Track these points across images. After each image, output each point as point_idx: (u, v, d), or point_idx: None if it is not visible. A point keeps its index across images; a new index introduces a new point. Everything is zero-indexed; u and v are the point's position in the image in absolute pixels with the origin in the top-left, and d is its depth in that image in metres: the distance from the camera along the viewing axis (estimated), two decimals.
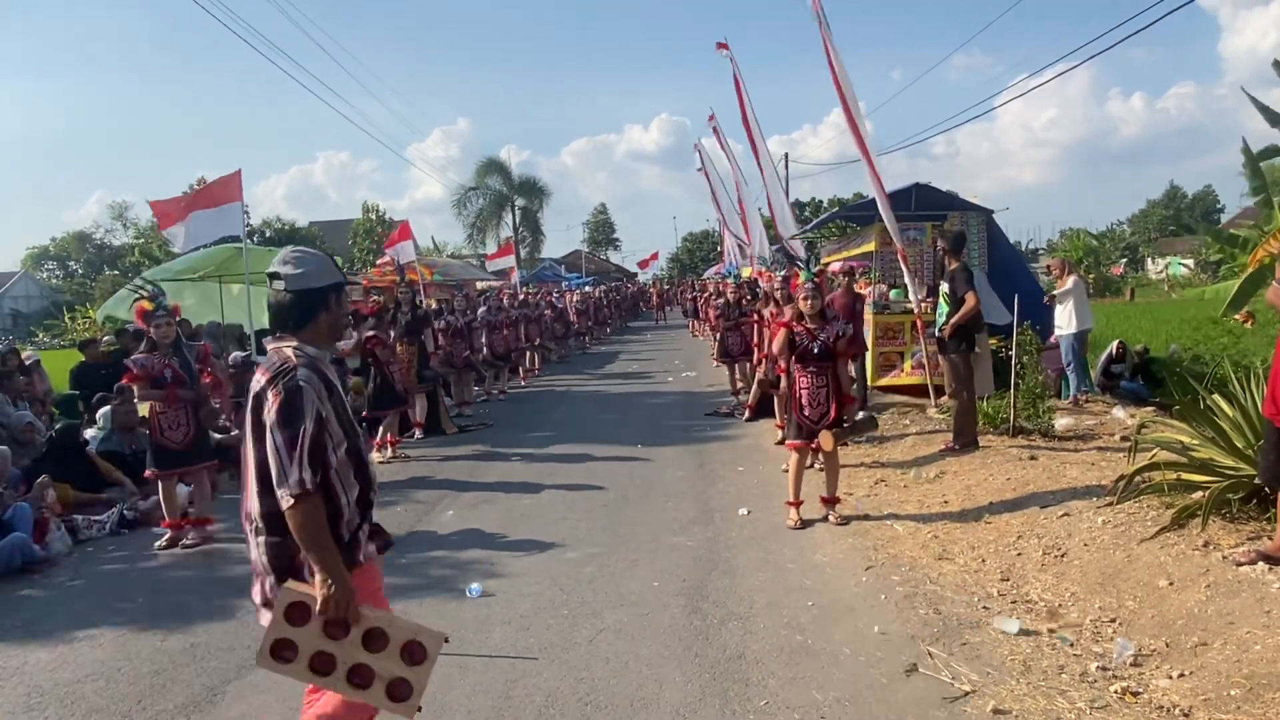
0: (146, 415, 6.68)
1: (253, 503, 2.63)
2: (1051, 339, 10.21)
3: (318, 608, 2.52)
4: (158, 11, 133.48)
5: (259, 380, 2.60)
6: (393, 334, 9.94)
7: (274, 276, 2.71)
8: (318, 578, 2.52)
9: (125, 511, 7.04)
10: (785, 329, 6.31)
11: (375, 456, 9.27)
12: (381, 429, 9.44)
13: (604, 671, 3.97)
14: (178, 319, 6.93)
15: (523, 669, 4.03)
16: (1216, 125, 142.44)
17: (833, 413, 6.10)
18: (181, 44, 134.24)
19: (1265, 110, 9.92)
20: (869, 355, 11.75)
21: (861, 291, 11.09)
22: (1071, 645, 3.97)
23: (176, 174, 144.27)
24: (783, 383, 6.88)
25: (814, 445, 6.16)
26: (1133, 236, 56.45)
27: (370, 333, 9.57)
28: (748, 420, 10.57)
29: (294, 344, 2.66)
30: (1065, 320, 9.81)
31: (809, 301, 6.23)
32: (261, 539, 2.63)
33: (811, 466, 6.95)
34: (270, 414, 2.51)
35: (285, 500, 2.48)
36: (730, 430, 10.25)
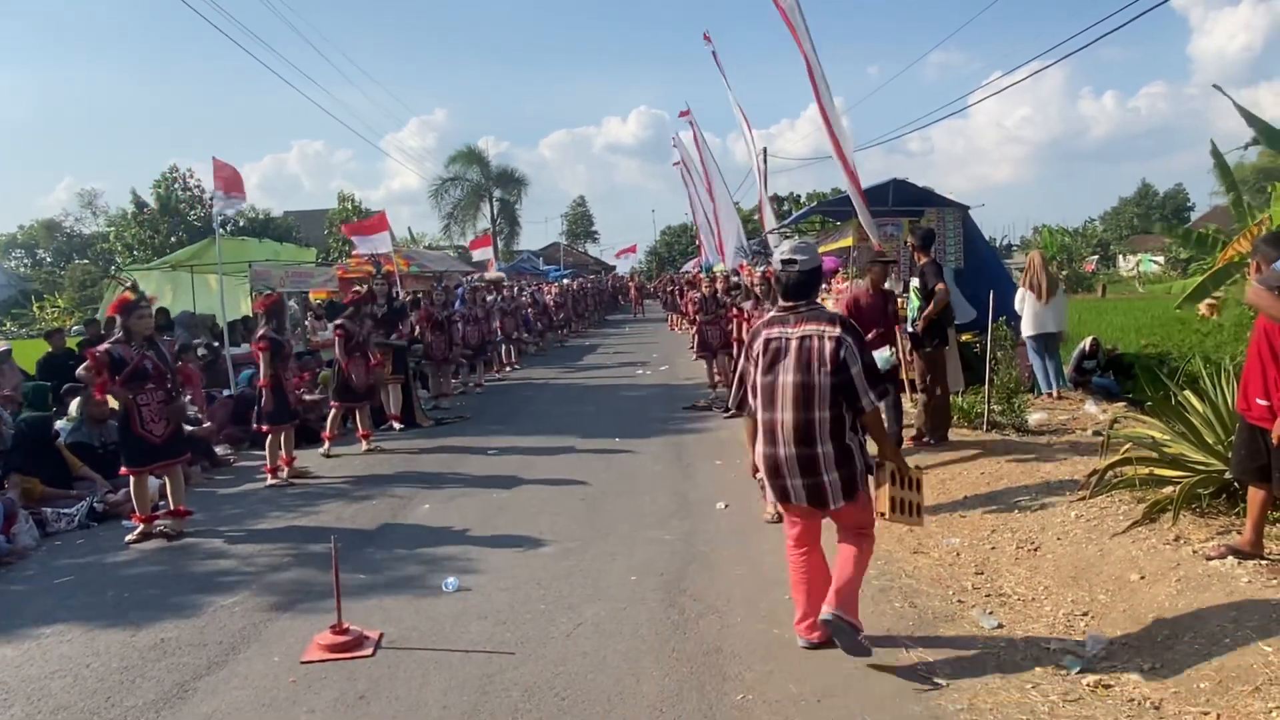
0: (118, 407, 6.58)
1: (819, 415, 3.73)
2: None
3: (903, 472, 3.98)
4: None
5: (826, 330, 3.76)
6: (365, 326, 9.60)
7: (788, 262, 3.87)
8: (890, 453, 3.97)
9: (95, 504, 6.93)
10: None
11: (347, 448, 9.19)
12: (358, 420, 9.36)
13: (581, 666, 3.96)
14: (154, 309, 6.82)
15: (499, 663, 4.01)
16: (1186, 125, 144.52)
17: None
18: (152, 28, 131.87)
19: (1241, 109, 10.07)
20: None
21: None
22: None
23: (148, 161, 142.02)
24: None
25: None
26: (1105, 233, 57.12)
27: (339, 321, 9.36)
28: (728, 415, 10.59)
29: (821, 306, 3.92)
30: (1025, 323, 9.81)
31: None
32: (828, 445, 3.73)
33: None
34: (853, 352, 3.72)
35: (869, 407, 3.76)
36: (708, 424, 10.27)
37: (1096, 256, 50.87)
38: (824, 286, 14.62)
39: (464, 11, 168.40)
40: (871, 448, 3.98)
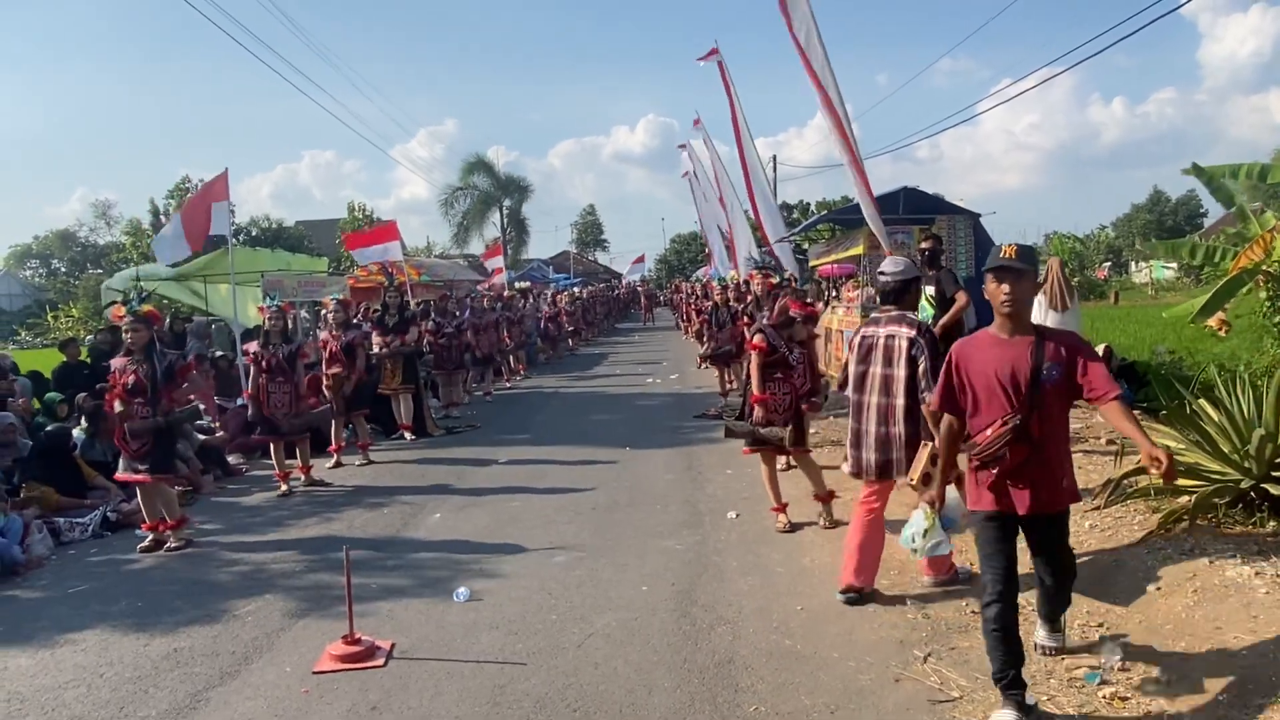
0: None
1: (897, 402, 4.55)
2: None
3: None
4: (141, 5, 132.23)
5: (905, 331, 4.53)
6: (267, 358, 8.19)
7: (881, 274, 4.76)
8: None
9: (108, 514, 6.97)
10: (763, 336, 6.25)
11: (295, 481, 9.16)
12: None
13: (593, 677, 3.95)
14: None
15: (511, 674, 4.00)
16: (1197, 131, 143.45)
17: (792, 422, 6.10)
18: (165, 38, 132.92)
19: (1209, 183, 10.16)
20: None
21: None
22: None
23: (160, 172, 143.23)
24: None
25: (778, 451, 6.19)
26: (1117, 240, 56.82)
27: (250, 346, 8.43)
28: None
29: (908, 312, 4.65)
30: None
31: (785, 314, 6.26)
32: (900, 426, 4.55)
33: (787, 469, 6.91)
34: (923, 350, 4.43)
35: (927, 401, 4.25)
36: (719, 433, 10.23)
37: (1109, 263, 50.59)
38: (834, 295, 14.65)
39: (472, 22, 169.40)
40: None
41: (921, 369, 4.42)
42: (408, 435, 10.47)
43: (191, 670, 4.22)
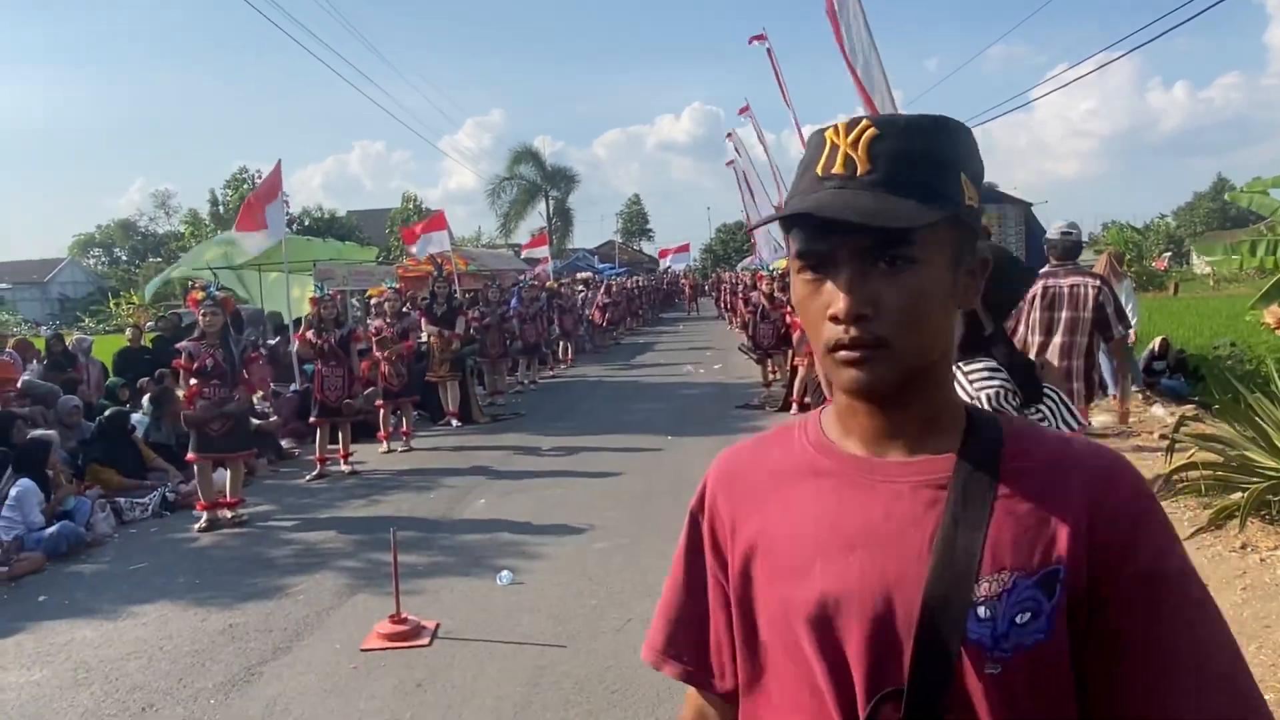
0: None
1: (1080, 340, 5.58)
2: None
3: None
4: (198, 1, 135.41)
5: (1090, 280, 5.50)
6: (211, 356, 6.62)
7: (1066, 232, 5.65)
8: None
9: (167, 494, 7.23)
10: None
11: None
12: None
13: (631, 660, 4.00)
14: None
15: (551, 657, 4.08)
16: (1263, 116, 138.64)
17: None
18: (219, 32, 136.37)
19: (1250, 196, 9.80)
20: None
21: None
22: None
23: (218, 163, 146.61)
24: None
25: None
26: (1179, 229, 55.20)
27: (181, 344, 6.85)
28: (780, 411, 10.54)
29: (1080, 264, 5.67)
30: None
31: None
32: (1081, 360, 5.66)
33: None
34: (1109, 296, 5.52)
35: (1119, 335, 5.70)
36: (761, 422, 10.22)
37: (1169, 253, 49.16)
38: None
39: (517, 13, 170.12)
40: None
41: (1110, 311, 5.40)
42: (454, 422, 10.65)
43: (246, 645, 4.38)
